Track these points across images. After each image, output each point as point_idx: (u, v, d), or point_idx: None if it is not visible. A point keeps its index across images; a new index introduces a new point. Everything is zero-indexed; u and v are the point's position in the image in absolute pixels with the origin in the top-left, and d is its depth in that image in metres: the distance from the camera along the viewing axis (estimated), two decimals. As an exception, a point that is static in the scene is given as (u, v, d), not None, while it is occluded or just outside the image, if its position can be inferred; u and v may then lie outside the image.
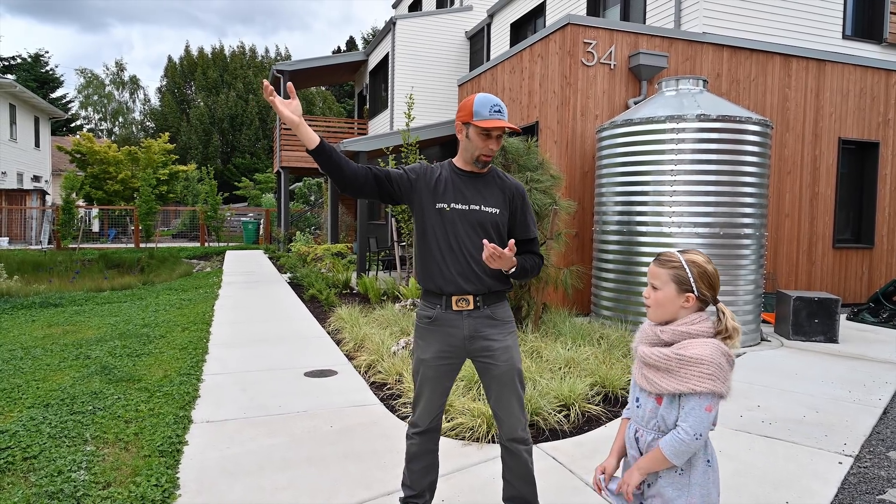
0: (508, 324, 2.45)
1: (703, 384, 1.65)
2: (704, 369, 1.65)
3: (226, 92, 41.88)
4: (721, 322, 1.75)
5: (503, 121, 2.30)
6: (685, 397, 1.69)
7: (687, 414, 1.68)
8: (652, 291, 1.81)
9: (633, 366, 1.88)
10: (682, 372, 1.68)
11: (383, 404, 4.25)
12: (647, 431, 1.79)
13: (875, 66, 9.39)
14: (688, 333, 1.73)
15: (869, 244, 9.62)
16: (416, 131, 10.66)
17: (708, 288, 1.76)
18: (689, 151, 6.33)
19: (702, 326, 1.73)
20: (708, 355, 1.66)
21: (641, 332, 1.86)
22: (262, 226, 25.16)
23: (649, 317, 1.84)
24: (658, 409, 1.76)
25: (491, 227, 2.38)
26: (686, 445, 1.68)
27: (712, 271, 1.77)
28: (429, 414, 2.51)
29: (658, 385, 1.73)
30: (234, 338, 6.38)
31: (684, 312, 1.76)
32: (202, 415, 3.94)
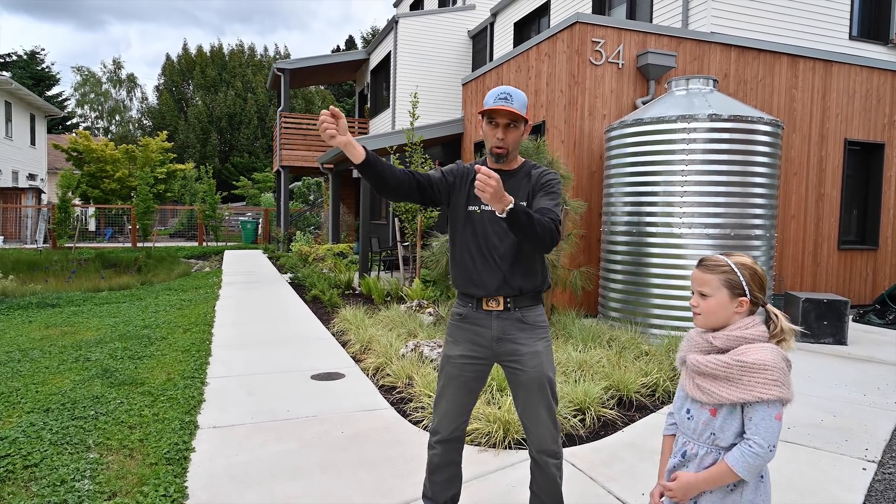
0: (540, 329, 2.33)
1: (771, 391, 1.55)
2: (769, 375, 1.56)
3: (224, 90, 41.73)
4: (775, 324, 1.66)
5: (505, 105, 2.19)
6: (751, 407, 1.59)
7: (757, 425, 1.57)
8: (700, 299, 1.70)
9: (682, 377, 1.78)
10: (744, 379, 1.58)
11: (394, 409, 4.15)
12: (700, 446, 1.69)
13: (881, 66, 9.33)
14: (744, 338, 1.63)
15: (874, 245, 9.56)
16: (419, 131, 10.56)
17: (759, 290, 1.67)
18: (700, 152, 6.25)
19: (757, 330, 1.64)
20: (770, 360, 1.57)
21: (689, 341, 1.77)
22: (260, 225, 25.03)
23: (698, 324, 1.74)
24: (713, 421, 1.66)
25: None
26: (760, 459, 1.57)
27: (762, 272, 1.69)
28: (451, 420, 2.40)
29: (716, 395, 1.62)
30: (237, 339, 6.27)
31: (737, 317, 1.67)
32: (208, 420, 3.83)
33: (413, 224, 9.80)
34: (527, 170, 2.36)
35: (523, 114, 2.24)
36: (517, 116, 2.23)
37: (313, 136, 18.44)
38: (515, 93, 2.25)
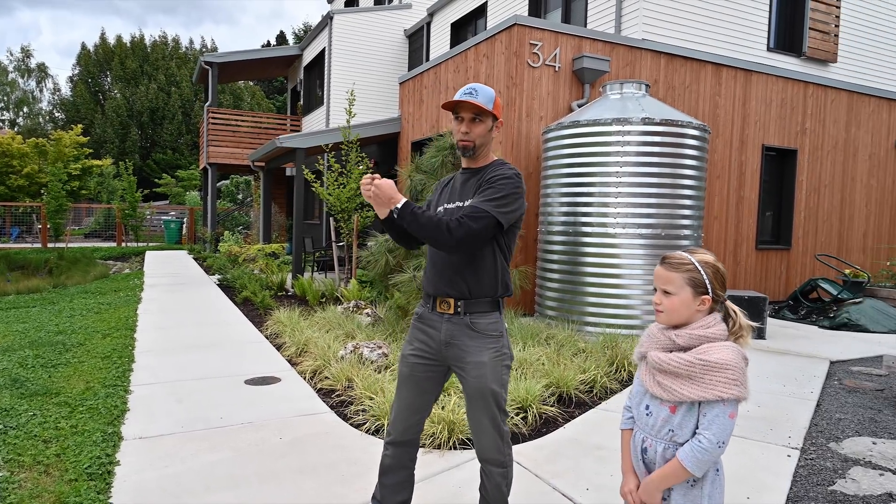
0: (490, 338, 2.21)
1: (730, 390, 1.57)
2: (730, 374, 1.57)
3: (146, 83, 39.75)
4: (735, 322, 1.68)
5: (467, 98, 2.17)
6: (708, 404, 1.60)
7: (710, 422, 1.60)
8: (664, 297, 1.70)
9: (640, 372, 1.78)
10: (706, 378, 1.59)
11: (334, 412, 4.02)
12: (658, 441, 1.70)
13: (795, 77, 9.93)
14: (706, 337, 1.64)
15: (787, 245, 10.16)
16: (355, 129, 10.38)
17: (721, 288, 1.68)
18: (634, 154, 6.43)
19: (718, 329, 1.66)
20: (732, 359, 1.59)
21: (650, 336, 1.76)
22: (185, 225, 23.99)
23: (661, 321, 1.74)
24: (672, 418, 1.66)
25: None
26: (709, 455, 1.59)
27: (723, 270, 1.70)
28: (402, 420, 2.33)
29: (677, 393, 1.63)
30: (164, 344, 5.94)
31: (698, 315, 1.68)
32: (134, 430, 3.59)
33: (349, 224, 9.62)
34: (491, 168, 2.27)
35: (489, 108, 2.20)
36: (481, 110, 2.20)
37: (243, 132, 17.84)
38: (482, 88, 2.23)
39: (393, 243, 5.96)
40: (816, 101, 10.25)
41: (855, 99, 10.62)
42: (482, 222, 2.07)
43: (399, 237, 2.29)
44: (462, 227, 2.05)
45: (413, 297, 5.49)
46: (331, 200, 9.52)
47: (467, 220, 2.06)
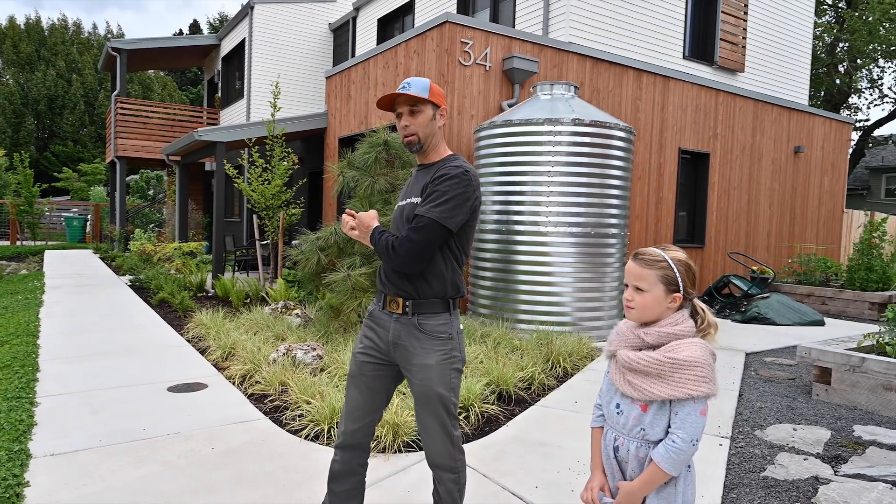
0: (438, 340, 2.12)
1: (700, 388, 1.56)
2: (699, 372, 1.57)
3: (43, 69, 36.84)
4: (703, 319, 1.68)
5: (400, 91, 2.12)
6: (678, 403, 1.60)
7: (682, 420, 1.59)
8: (636, 293, 1.68)
9: (610, 371, 1.76)
10: (675, 376, 1.58)
11: (269, 418, 3.82)
12: (630, 440, 1.68)
13: (708, 85, 10.48)
14: (675, 335, 1.64)
15: (701, 244, 10.71)
16: (279, 123, 10.02)
17: (692, 286, 1.68)
18: (564, 154, 6.55)
19: (686, 326, 1.65)
20: (701, 357, 1.58)
21: (619, 334, 1.74)
22: (90, 223, 22.43)
23: (631, 318, 1.72)
24: (643, 416, 1.65)
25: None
26: (684, 454, 1.58)
27: (694, 268, 1.71)
28: (351, 422, 2.22)
29: (647, 391, 1.61)
30: (73, 351, 5.47)
31: (668, 313, 1.67)
32: (44, 447, 3.25)
33: (274, 221, 9.28)
34: (443, 163, 2.18)
35: (425, 96, 2.13)
36: (417, 100, 2.13)
37: (155, 124, 16.87)
38: (415, 80, 2.17)
39: (325, 241, 5.77)
40: (726, 108, 10.86)
41: (760, 107, 11.34)
42: (425, 231, 2.03)
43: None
44: (404, 243, 2.04)
45: (347, 297, 5.34)
46: (255, 197, 9.15)
47: (411, 233, 2.05)
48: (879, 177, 30.88)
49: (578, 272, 6.57)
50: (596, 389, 4.69)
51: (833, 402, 4.37)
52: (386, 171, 5.97)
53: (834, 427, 3.84)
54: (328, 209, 11.06)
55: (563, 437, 3.63)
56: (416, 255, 2.03)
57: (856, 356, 4.22)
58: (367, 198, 5.79)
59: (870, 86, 24.91)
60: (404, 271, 2.10)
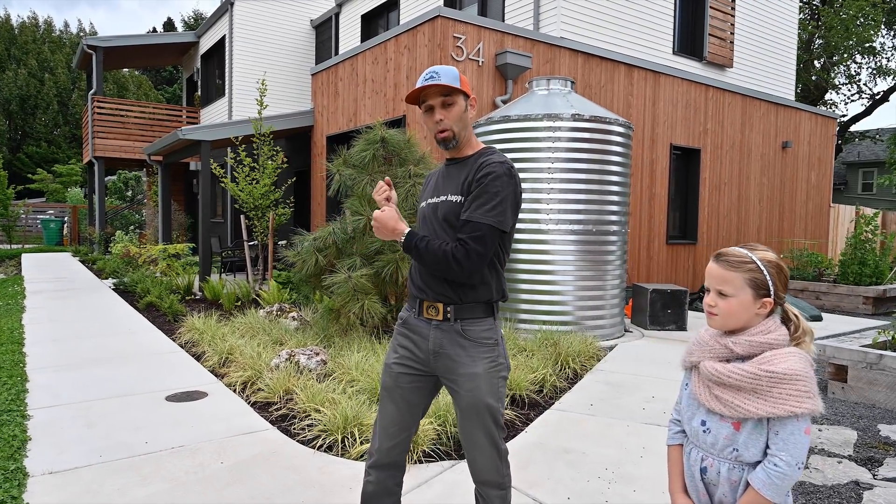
0: (484, 347, 1.98)
1: (804, 404, 1.39)
2: (801, 386, 1.40)
3: (14, 69, 35.89)
4: (796, 325, 1.50)
5: (433, 81, 1.95)
6: (779, 421, 1.42)
7: (785, 441, 1.41)
8: (719, 299, 1.51)
9: (693, 383, 1.60)
10: (774, 392, 1.41)
11: (276, 428, 3.66)
12: (722, 462, 1.51)
13: (697, 80, 10.46)
14: (767, 344, 1.46)
15: (693, 240, 10.71)
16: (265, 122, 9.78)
17: (784, 290, 1.51)
18: (564, 150, 6.45)
19: (779, 334, 1.48)
20: (801, 369, 1.41)
21: (700, 343, 1.58)
22: (67, 225, 21.88)
23: (714, 326, 1.56)
24: (736, 436, 1.48)
25: (455, 218, 1.98)
26: (788, 478, 1.41)
27: (786, 269, 1.53)
28: (387, 439, 2.07)
29: (741, 409, 1.45)
30: (61, 359, 5.23)
31: (757, 319, 1.50)
32: (41, 464, 3.05)
33: (263, 222, 9.06)
34: (477, 157, 2.03)
35: (457, 85, 1.97)
36: (450, 90, 1.97)
37: (133, 123, 16.46)
38: (443, 69, 1.99)
39: (323, 242, 5.59)
40: (716, 104, 10.86)
41: (748, 102, 11.36)
42: (485, 240, 1.89)
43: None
44: (470, 255, 1.88)
45: (349, 300, 5.17)
46: (242, 197, 8.92)
47: (472, 243, 1.89)
48: (856, 171, 31.42)
49: (579, 270, 6.47)
50: (607, 392, 4.59)
51: (850, 401, 4.31)
52: (384, 168, 5.81)
53: (858, 427, 3.77)
54: (316, 208, 10.85)
55: (584, 442, 3.51)
56: (479, 264, 1.89)
57: (873, 353, 4.17)
58: (364, 196, 5.63)
59: (847, 82, 25.28)
60: (462, 281, 1.95)
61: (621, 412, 4.08)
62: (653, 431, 3.73)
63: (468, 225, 1.91)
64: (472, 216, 1.91)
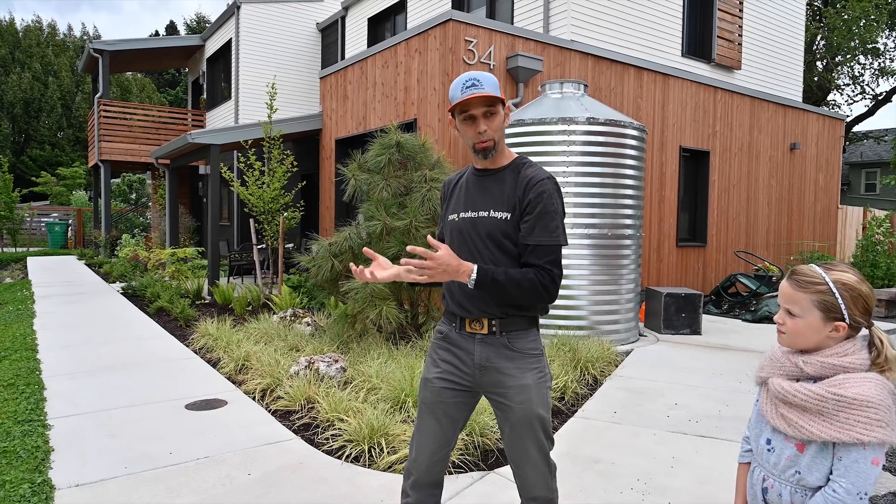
0: (531, 358, 1.97)
1: (873, 433, 1.33)
2: (872, 414, 1.34)
3: (18, 72, 35.93)
4: (879, 352, 1.43)
5: (478, 92, 1.88)
6: (844, 447, 1.38)
7: (847, 468, 1.37)
8: (787, 317, 1.48)
9: (762, 399, 1.57)
10: (840, 416, 1.37)
11: (300, 438, 3.62)
12: (783, 484, 1.49)
13: (706, 83, 10.43)
14: (841, 367, 1.41)
15: (703, 242, 10.67)
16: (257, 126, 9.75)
17: (862, 314, 1.43)
18: (579, 154, 6.41)
19: (857, 358, 1.42)
20: (875, 396, 1.35)
21: (772, 360, 1.55)
22: (72, 228, 21.87)
23: (782, 343, 1.53)
24: (799, 458, 1.45)
25: (502, 237, 1.94)
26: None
27: (867, 292, 1.44)
28: (427, 457, 2.02)
29: (805, 430, 1.41)
30: (76, 366, 5.20)
31: (832, 341, 1.45)
32: (67, 477, 3.02)
33: (273, 226, 9.04)
34: (514, 168, 2.01)
35: (499, 94, 1.92)
36: (493, 100, 1.91)
37: (139, 126, 16.46)
38: (483, 76, 1.92)
39: (339, 247, 5.56)
40: (724, 106, 10.83)
41: (756, 104, 11.33)
42: (560, 260, 1.93)
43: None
44: (555, 280, 1.89)
45: (366, 306, 5.14)
46: (252, 201, 8.90)
47: (554, 268, 1.90)
48: (859, 172, 31.36)
49: (594, 274, 6.44)
50: (629, 398, 4.56)
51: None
52: (399, 173, 5.78)
53: None
54: (325, 211, 10.82)
55: (612, 452, 3.47)
56: (559, 285, 1.92)
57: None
58: (381, 201, 5.59)
59: (850, 82, 25.23)
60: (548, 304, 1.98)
61: (645, 420, 4.05)
62: (681, 440, 3.69)
63: (541, 249, 1.90)
64: (542, 240, 1.90)
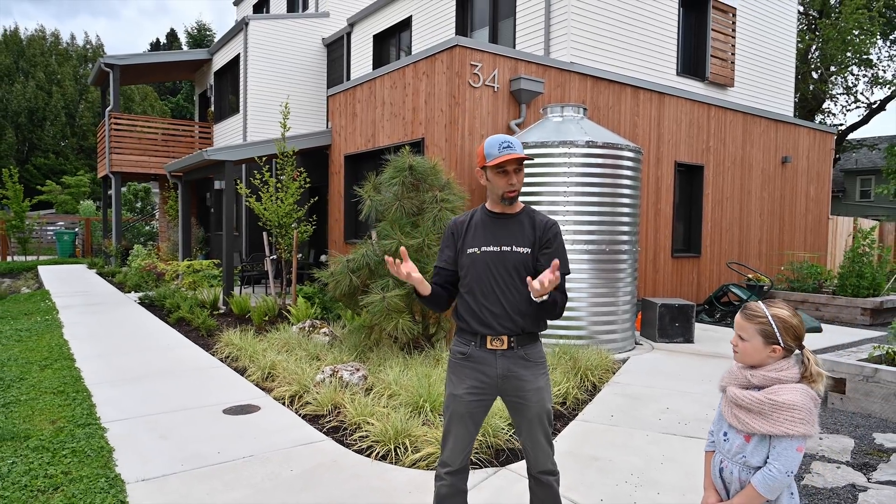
0: (541, 365, 2.50)
1: (796, 428, 1.81)
2: (797, 414, 1.81)
3: (22, 81, 36.39)
4: (807, 368, 1.91)
5: (514, 153, 2.39)
6: (777, 438, 1.85)
7: (779, 454, 1.85)
8: (739, 340, 1.98)
9: (722, 403, 2.05)
10: (774, 416, 1.84)
11: (331, 439, 4.05)
12: (733, 464, 1.97)
13: (700, 100, 10.90)
14: (777, 379, 1.89)
15: (697, 253, 11.11)
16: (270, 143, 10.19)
17: (793, 339, 1.91)
18: (578, 174, 6.86)
19: (790, 373, 1.90)
20: (799, 401, 1.83)
21: (730, 373, 2.03)
22: (80, 237, 22.28)
23: (737, 360, 2.01)
24: (746, 445, 1.93)
25: (522, 268, 2.44)
26: (778, 482, 1.84)
27: (797, 324, 1.91)
28: (460, 451, 2.51)
29: (749, 425, 1.89)
30: (113, 374, 5.62)
31: (772, 360, 1.93)
32: (133, 473, 3.44)
33: (287, 239, 9.46)
34: (528, 214, 2.53)
35: (525, 154, 2.41)
36: (523, 159, 2.41)
37: (148, 139, 16.90)
38: (513, 140, 2.44)
39: (356, 264, 6.00)
40: (718, 122, 11.30)
41: (749, 120, 11.80)
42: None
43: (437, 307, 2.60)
44: (566, 300, 2.47)
45: (383, 318, 5.57)
46: (267, 216, 9.33)
47: (566, 292, 2.48)
48: (854, 179, 31.89)
49: (593, 287, 6.88)
50: (625, 403, 4.98)
51: (848, 411, 4.72)
52: (412, 195, 6.22)
53: (855, 435, 4.18)
54: (334, 224, 11.25)
55: (610, 451, 3.91)
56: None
57: (869, 367, 4.58)
58: (396, 221, 6.03)
59: (844, 92, 25.77)
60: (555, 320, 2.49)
61: (640, 423, 4.48)
62: (671, 441, 4.13)
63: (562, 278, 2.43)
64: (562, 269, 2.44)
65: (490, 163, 2.40)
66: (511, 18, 10.70)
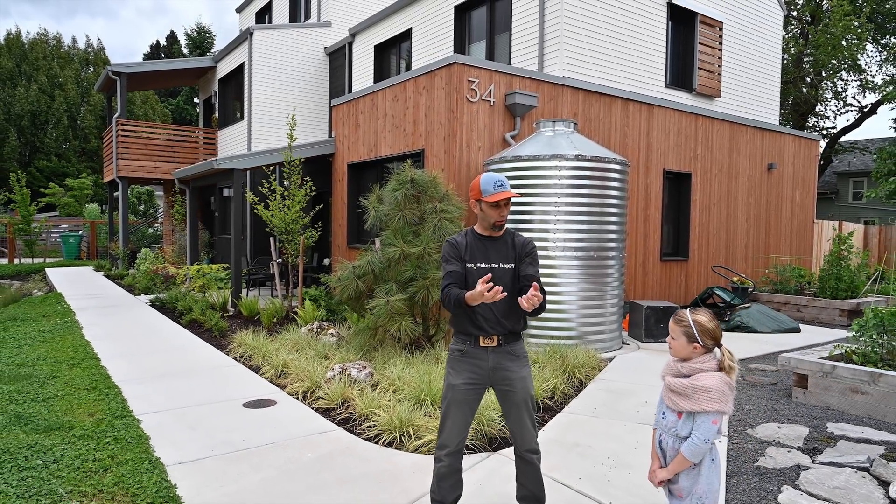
0: (524, 358, 3.02)
1: (711, 405, 2.36)
2: (712, 395, 2.36)
3: (25, 84, 36.80)
4: (721, 361, 2.45)
5: (508, 192, 2.95)
6: (698, 414, 2.39)
7: (699, 426, 2.39)
8: (672, 340, 2.51)
9: (663, 388, 2.55)
10: (695, 397, 2.38)
11: (343, 429, 4.52)
12: (669, 437, 2.50)
13: (688, 110, 11.40)
14: (699, 369, 2.43)
15: (685, 257, 11.61)
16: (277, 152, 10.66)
17: (710, 339, 2.45)
18: (567, 186, 7.35)
19: (710, 364, 2.44)
20: (715, 385, 2.37)
21: (668, 365, 2.55)
22: (85, 240, 22.72)
23: (671, 355, 2.54)
24: (678, 422, 2.47)
25: (509, 281, 2.97)
26: (699, 448, 2.37)
27: (713, 328, 2.45)
28: (457, 434, 2.98)
29: (679, 405, 2.43)
30: (138, 372, 6.09)
31: (696, 354, 2.46)
32: (169, 456, 3.92)
33: (293, 244, 9.93)
34: (509, 235, 3.08)
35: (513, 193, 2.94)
36: (511, 196, 2.96)
37: (155, 145, 17.37)
38: (503, 179, 2.99)
39: (362, 270, 6.47)
40: (705, 131, 11.80)
41: (735, 129, 12.31)
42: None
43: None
44: (545, 293, 2.87)
45: (387, 320, 6.05)
46: (274, 222, 9.80)
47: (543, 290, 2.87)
48: (847, 181, 32.44)
49: (582, 290, 7.36)
50: (608, 398, 5.47)
51: (810, 404, 5.21)
52: (414, 206, 6.70)
53: (811, 425, 4.67)
54: (337, 230, 11.73)
55: (591, 439, 4.39)
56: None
57: (828, 364, 5.07)
58: (399, 230, 6.51)
59: (833, 97, 26.30)
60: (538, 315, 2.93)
61: (620, 414, 4.96)
62: (646, 429, 4.61)
63: (534, 279, 2.91)
64: (537, 274, 2.96)
65: (487, 198, 2.93)
66: (507, 33, 11.20)
